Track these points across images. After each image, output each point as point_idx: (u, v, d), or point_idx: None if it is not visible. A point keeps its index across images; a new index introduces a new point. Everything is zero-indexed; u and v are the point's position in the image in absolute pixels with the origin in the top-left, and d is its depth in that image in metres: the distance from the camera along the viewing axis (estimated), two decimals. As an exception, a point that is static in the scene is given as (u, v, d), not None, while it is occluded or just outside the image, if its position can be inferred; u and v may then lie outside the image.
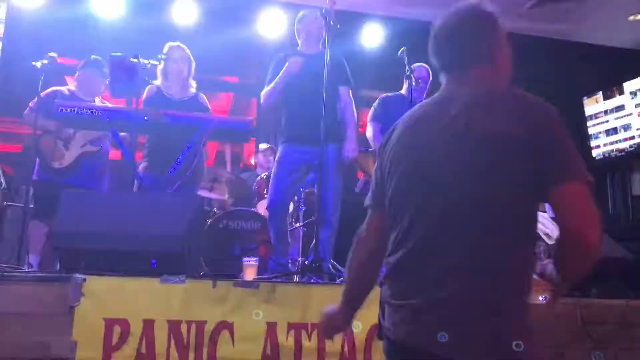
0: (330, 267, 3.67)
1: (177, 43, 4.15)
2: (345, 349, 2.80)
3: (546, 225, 3.37)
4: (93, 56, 4.43)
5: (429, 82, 4.51)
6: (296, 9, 4.35)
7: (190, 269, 2.95)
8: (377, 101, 4.64)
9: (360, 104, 4.62)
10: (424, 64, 4.44)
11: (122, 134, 3.79)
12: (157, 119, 3.58)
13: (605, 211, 6.26)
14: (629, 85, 6.44)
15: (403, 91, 4.61)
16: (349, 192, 4.73)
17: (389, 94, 4.67)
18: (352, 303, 1.74)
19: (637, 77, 6.42)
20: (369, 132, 4.55)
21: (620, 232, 4.50)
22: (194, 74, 4.22)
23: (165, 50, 4.05)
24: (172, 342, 2.65)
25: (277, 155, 3.94)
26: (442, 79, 1.62)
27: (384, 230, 1.60)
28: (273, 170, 3.94)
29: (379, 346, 1.71)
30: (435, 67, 1.63)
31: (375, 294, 1.66)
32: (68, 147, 4.20)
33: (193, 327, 2.69)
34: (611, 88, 6.59)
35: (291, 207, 4.41)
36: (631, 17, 6.31)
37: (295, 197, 4.46)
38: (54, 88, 4.29)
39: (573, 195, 1.37)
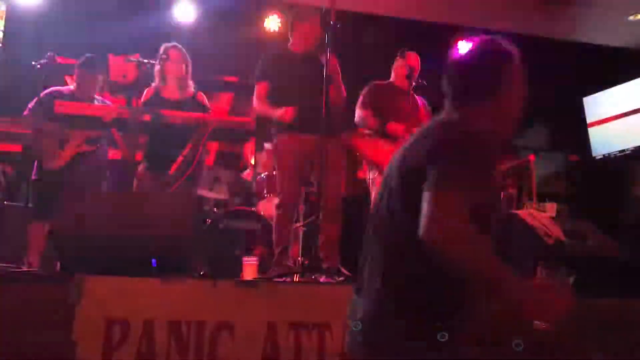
0: (336, 269, 3.64)
1: (173, 44, 4.14)
2: (345, 348, 2.80)
3: (546, 225, 3.36)
4: (87, 55, 4.42)
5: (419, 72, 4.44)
6: (296, 9, 4.34)
7: (190, 269, 2.95)
8: (366, 89, 4.45)
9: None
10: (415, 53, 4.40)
11: (121, 133, 3.80)
12: (157, 119, 3.59)
13: (606, 211, 6.26)
14: None
15: (392, 79, 4.56)
16: (351, 191, 4.74)
17: (379, 82, 4.51)
18: None
19: (637, 77, 6.43)
20: (358, 118, 4.37)
21: (620, 232, 4.51)
22: (191, 73, 4.21)
23: (161, 51, 4.04)
24: (172, 342, 2.66)
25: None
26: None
27: None
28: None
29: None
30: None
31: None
32: (63, 147, 4.19)
33: (193, 327, 2.69)
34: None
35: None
36: (631, 17, 6.31)
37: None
38: (53, 88, 4.29)
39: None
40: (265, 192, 4.91)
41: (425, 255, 1.46)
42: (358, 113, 4.38)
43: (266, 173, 4.97)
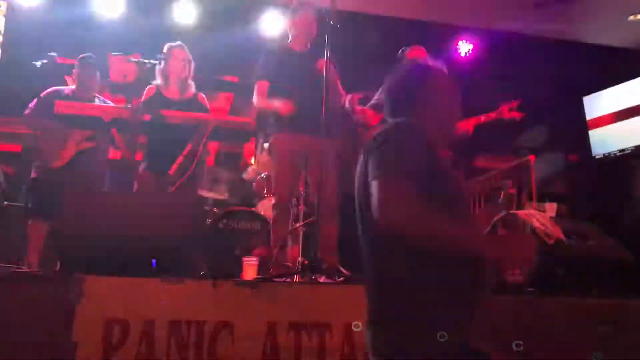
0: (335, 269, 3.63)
1: (178, 43, 4.14)
2: (346, 348, 2.80)
3: (546, 225, 3.36)
4: (83, 54, 4.41)
5: None
6: (294, 7, 4.34)
7: (190, 269, 2.95)
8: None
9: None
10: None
11: (121, 133, 3.80)
12: (157, 119, 3.59)
13: (606, 211, 6.25)
14: None
15: None
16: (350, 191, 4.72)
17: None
18: None
19: (637, 77, 6.42)
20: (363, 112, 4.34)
21: (620, 231, 4.50)
22: (193, 74, 4.21)
23: (165, 50, 4.04)
24: (172, 342, 2.65)
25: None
26: None
27: None
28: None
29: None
30: None
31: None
32: (64, 146, 4.19)
33: (193, 327, 2.69)
34: None
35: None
36: (631, 17, 6.32)
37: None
38: (53, 88, 4.30)
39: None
40: (265, 192, 4.91)
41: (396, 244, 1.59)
42: (364, 111, 4.36)
43: (266, 173, 4.97)
